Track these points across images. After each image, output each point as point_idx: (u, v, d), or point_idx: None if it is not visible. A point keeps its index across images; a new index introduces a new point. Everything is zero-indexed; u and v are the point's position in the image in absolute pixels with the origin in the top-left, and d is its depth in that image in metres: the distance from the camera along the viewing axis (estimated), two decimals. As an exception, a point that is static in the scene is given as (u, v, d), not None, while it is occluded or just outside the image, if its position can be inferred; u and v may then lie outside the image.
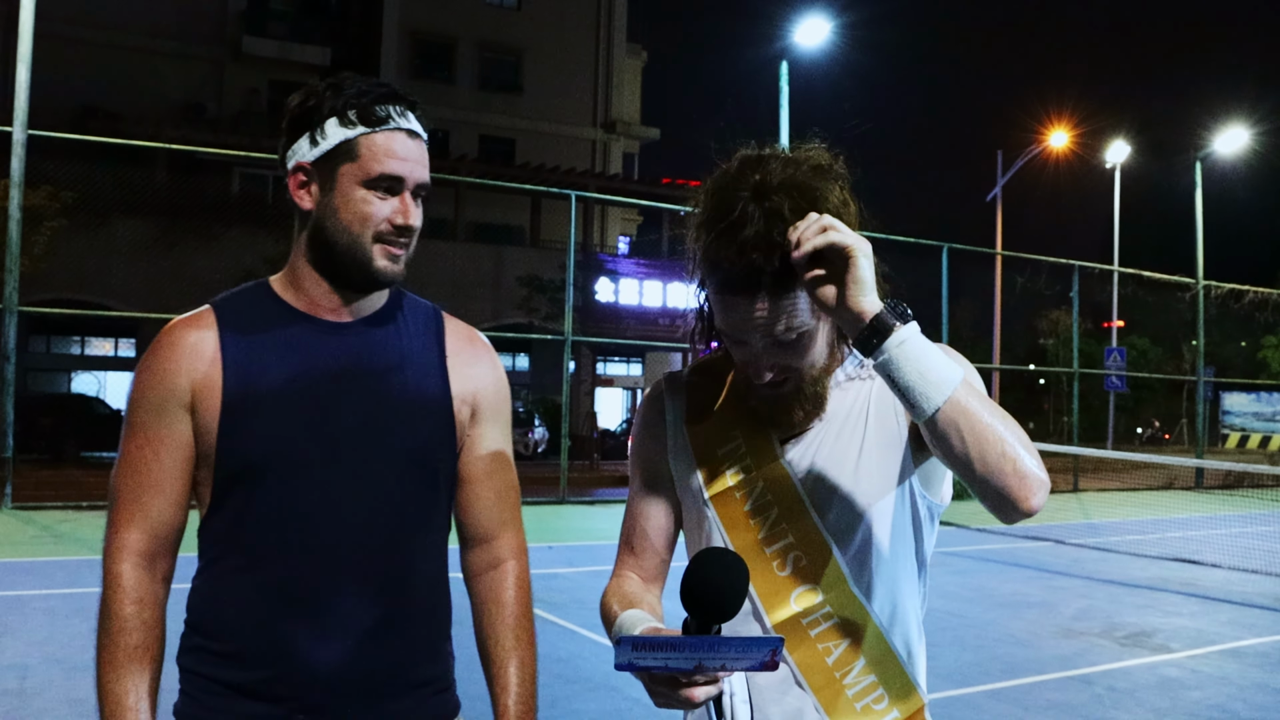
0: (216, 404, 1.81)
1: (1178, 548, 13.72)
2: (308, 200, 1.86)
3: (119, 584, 1.80)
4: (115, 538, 1.83)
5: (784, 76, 21.44)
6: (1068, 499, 22.11)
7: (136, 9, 33.10)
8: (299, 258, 1.91)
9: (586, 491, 20.62)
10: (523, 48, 40.51)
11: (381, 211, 1.84)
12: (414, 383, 1.92)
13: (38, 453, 23.61)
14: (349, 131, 1.82)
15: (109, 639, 1.79)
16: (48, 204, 20.03)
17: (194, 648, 1.85)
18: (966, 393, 1.54)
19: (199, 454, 1.84)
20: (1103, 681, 7.02)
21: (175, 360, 1.84)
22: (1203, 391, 29.05)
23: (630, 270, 32.51)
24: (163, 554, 1.85)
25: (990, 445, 1.52)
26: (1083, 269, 26.47)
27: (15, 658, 6.83)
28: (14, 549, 11.50)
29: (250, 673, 1.79)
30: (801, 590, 1.74)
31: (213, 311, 1.89)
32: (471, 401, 1.99)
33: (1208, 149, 29.24)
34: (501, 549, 2.04)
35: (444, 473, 1.96)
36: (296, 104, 1.88)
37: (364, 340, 1.90)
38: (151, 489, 1.83)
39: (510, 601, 2.02)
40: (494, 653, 1.99)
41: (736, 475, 1.80)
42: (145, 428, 1.83)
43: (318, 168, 1.85)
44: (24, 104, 14.55)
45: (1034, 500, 1.52)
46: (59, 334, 30.95)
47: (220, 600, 1.83)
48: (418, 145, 1.87)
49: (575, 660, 7.05)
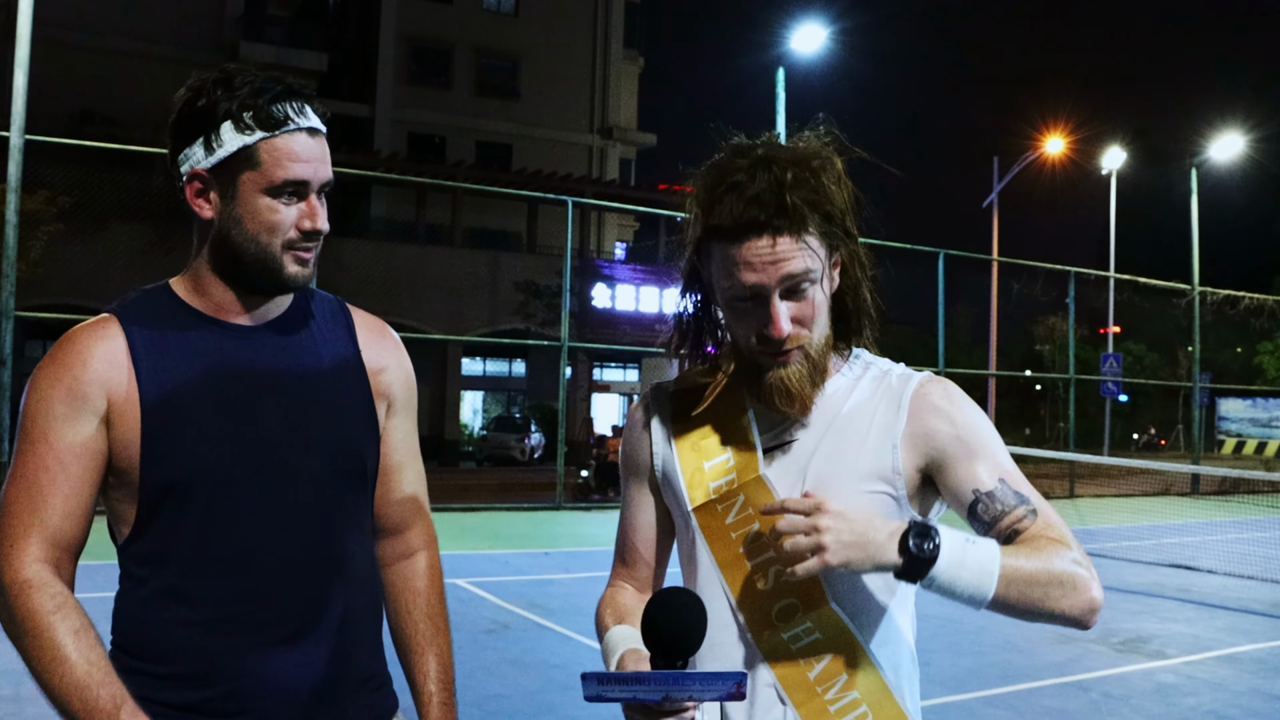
0: (136, 417, 1.73)
1: (1173, 553, 13.72)
2: (208, 210, 1.78)
3: (31, 586, 1.66)
4: (11, 552, 1.68)
5: (780, 83, 21.44)
6: (1064, 505, 22.10)
7: (134, 14, 33.11)
8: (201, 265, 1.83)
9: (583, 497, 20.60)
10: (520, 54, 40.53)
11: (289, 218, 1.77)
12: (334, 382, 1.88)
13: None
14: (247, 138, 1.74)
15: (45, 638, 1.63)
16: (44, 208, 20.03)
17: (129, 670, 1.72)
18: (1009, 576, 1.58)
19: (116, 469, 1.75)
20: (1098, 688, 7.03)
21: (88, 368, 1.74)
22: (1199, 397, 29.06)
23: (627, 276, 32.52)
24: (64, 564, 1.74)
25: (1044, 605, 1.60)
26: (1079, 275, 26.50)
27: (9, 664, 6.79)
28: (10, 554, 11.46)
29: (198, 692, 1.73)
30: (783, 604, 1.72)
31: (116, 319, 1.80)
32: (387, 395, 1.97)
33: (1203, 155, 29.29)
34: (414, 539, 2.04)
35: (370, 468, 1.93)
36: (185, 103, 1.79)
37: (278, 343, 1.85)
38: (55, 500, 1.70)
39: (424, 590, 2.01)
40: (412, 641, 1.98)
41: (720, 488, 1.79)
42: (47, 436, 1.71)
43: (215, 175, 1.77)
44: (21, 109, 14.55)
45: (1093, 616, 1.62)
46: (55, 339, 30.69)
47: (155, 622, 1.76)
48: (318, 143, 1.80)
49: (571, 666, 7.05)
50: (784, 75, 21.54)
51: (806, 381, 1.72)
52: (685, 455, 1.85)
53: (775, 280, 1.66)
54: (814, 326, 1.72)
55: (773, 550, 1.66)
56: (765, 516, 1.70)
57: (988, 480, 1.69)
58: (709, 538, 1.79)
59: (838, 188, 1.70)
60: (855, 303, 1.81)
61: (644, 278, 32.35)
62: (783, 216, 1.64)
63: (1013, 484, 1.69)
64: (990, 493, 1.68)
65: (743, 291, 1.68)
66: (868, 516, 1.57)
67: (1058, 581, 1.58)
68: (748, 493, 1.77)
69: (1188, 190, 27.57)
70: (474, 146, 39.20)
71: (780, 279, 1.66)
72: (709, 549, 1.78)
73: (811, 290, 1.69)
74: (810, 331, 1.71)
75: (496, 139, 40.01)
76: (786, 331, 1.68)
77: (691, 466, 1.83)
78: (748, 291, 1.68)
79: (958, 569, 1.55)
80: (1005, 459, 1.72)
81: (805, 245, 1.67)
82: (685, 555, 1.86)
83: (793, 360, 1.71)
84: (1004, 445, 1.76)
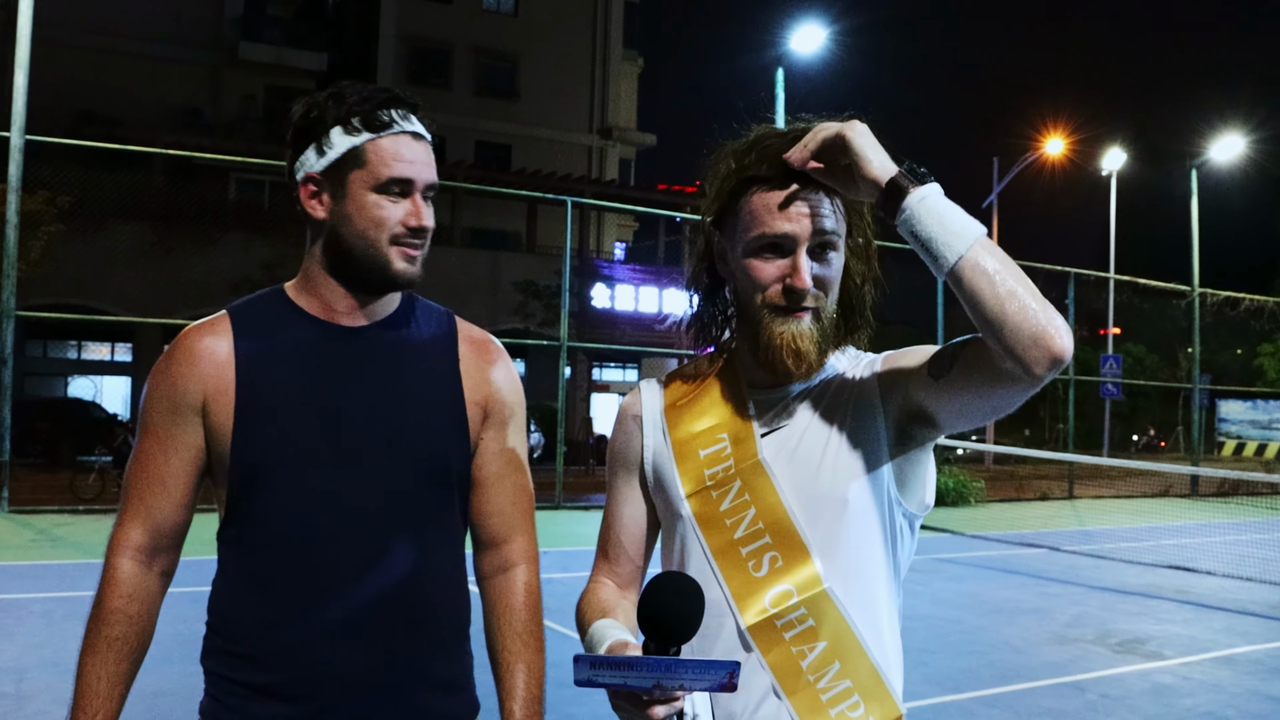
0: (230, 408, 1.84)
1: (1172, 555, 13.74)
2: (320, 210, 1.89)
3: (114, 577, 1.86)
4: (118, 532, 1.88)
5: (780, 83, 21.46)
6: (1062, 506, 22.12)
7: (133, 14, 33.10)
8: (313, 264, 1.93)
9: (582, 497, 20.60)
10: (519, 54, 40.53)
11: (395, 215, 1.86)
12: (426, 384, 1.94)
13: (34, 457, 23.60)
14: (354, 139, 1.85)
15: (94, 625, 1.84)
16: (45, 208, 20.02)
17: (215, 649, 1.89)
18: (987, 244, 1.56)
19: (213, 457, 1.87)
20: (1096, 688, 7.04)
21: (189, 365, 1.86)
22: (1198, 399, 29.08)
23: (626, 276, 32.52)
24: (163, 551, 1.89)
25: (1017, 285, 1.53)
26: (1078, 276, 26.49)
27: (12, 661, 6.84)
28: (11, 553, 11.50)
29: (270, 674, 1.82)
30: (776, 591, 1.73)
31: (228, 317, 1.92)
32: (484, 404, 2.01)
33: (1203, 156, 29.30)
34: (513, 553, 2.06)
35: (456, 472, 1.97)
36: (299, 115, 1.90)
37: (377, 342, 1.93)
38: (157, 488, 1.87)
39: (519, 607, 2.03)
40: (501, 657, 2.00)
41: (715, 475, 1.81)
42: (157, 429, 1.87)
43: (327, 177, 1.87)
44: (21, 109, 14.57)
45: (1064, 337, 1.51)
46: (56, 338, 30.90)
47: (238, 603, 1.86)
48: (423, 147, 1.91)
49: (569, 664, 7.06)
50: (783, 75, 21.57)
51: (815, 344, 1.74)
52: (679, 443, 1.86)
53: (808, 233, 1.70)
54: (829, 293, 1.75)
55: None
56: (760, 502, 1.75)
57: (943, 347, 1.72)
58: (702, 525, 1.80)
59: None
60: (857, 300, 1.84)
61: (643, 278, 32.35)
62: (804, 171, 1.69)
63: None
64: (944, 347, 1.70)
65: (774, 238, 1.71)
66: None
67: (1032, 292, 1.53)
68: (745, 478, 1.79)
69: (1188, 191, 27.62)
70: (473, 146, 39.20)
71: (813, 233, 1.70)
72: (702, 536, 1.79)
73: (834, 256, 1.74)
74: (825, 297, 1.75)
75: (496, 139, 40.02)
76: (810, 285, 1.71)
77: (685, 454, 1.84)
78: (778, 239, 1.71)
79: (941, 209, 1.57)
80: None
81: (837, 208, 1.73)
82: (673, 548, 1.86)
83: (805, 319, 1.73)
84: None
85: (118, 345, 31.62)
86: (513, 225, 35.71)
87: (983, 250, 1.55)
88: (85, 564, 10.75)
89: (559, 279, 20.49)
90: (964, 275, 1.54)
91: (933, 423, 1.74)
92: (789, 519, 1.75)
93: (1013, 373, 1.54)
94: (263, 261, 23.13)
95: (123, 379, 31.44)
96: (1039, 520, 18.65)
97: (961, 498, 20.53)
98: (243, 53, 35.56)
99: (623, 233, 42.86)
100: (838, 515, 1.74)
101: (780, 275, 1.72)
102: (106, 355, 32.15)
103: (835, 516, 1.74)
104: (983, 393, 1.63)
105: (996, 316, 1.52)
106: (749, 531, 1.77)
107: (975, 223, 1.58)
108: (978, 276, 1.54)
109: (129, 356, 31.15)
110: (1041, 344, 1.50)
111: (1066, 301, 26.03)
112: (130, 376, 31.01)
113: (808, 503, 1.75)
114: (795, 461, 1.77)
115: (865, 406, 1.78)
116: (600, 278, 31.90)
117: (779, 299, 1.73)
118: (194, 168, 26.36)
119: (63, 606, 8.61)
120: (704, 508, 1.80)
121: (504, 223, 35.61)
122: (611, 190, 35.58)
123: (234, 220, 27.50)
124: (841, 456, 1.76)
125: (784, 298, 1.72)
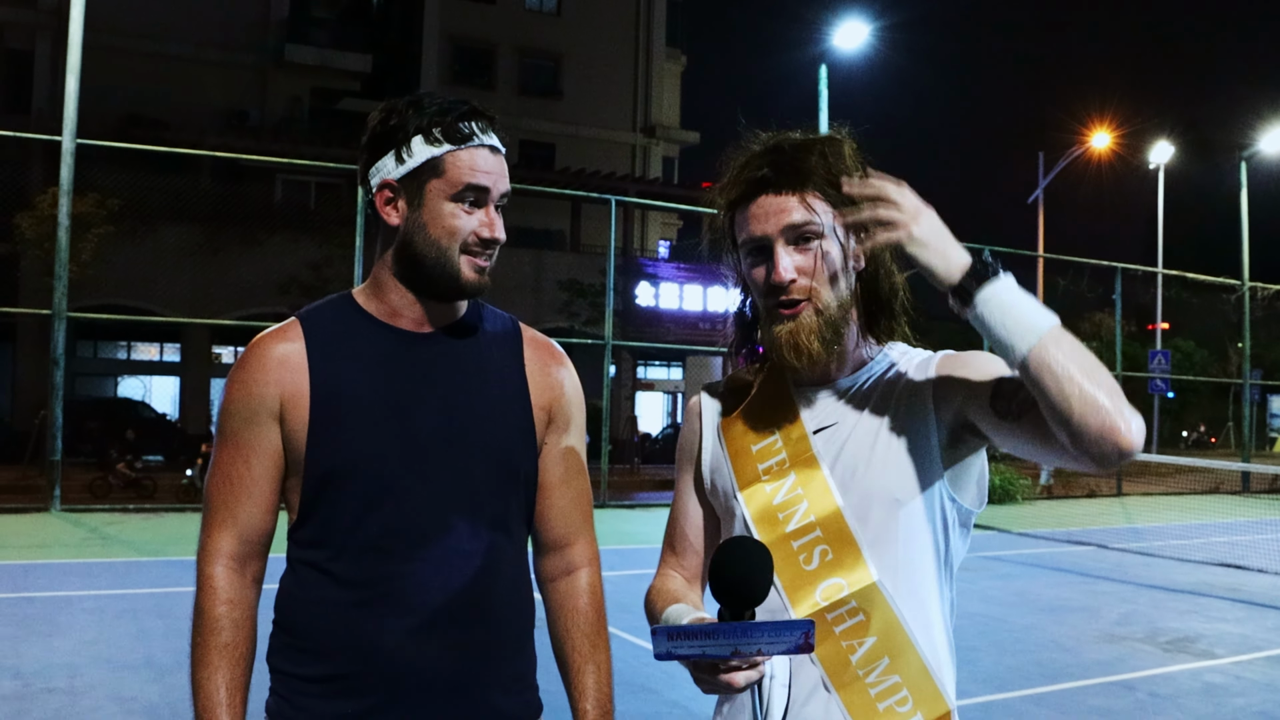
0: (305, 413, 1.88)
1: (1223, 552, 13.57)
2: (395, 216, 1.92)
3: (211, 586, 1.87)
4: (208, 541, 1.90)
5: (823, 79, 21.39)
6: (1111, 503, 21.92)
7: (180, 18, 33.42)
8: (383, 270, 1.96)
9: (627, 495, 20.65)
10: (562, 53, 40.60)
11: (469, 225, 1.90)
12: (494, 387, 1.98)
13: (85, 456, 23.93)
14: (435, 149, 1.88)
15: (201, 638, 1.85)
16: (94, 211, 20.30)
17: (282, 646, 1.92)
18: (1057, 337, 1.56)
19: (289, 461, 1.91)
20: (1145, 687, 6.98)
21: (264, 372, 1.90)
22: (1249, 394, 28.73)
23: (670, 274, 32.49)
24: (253, 557, 1.92)
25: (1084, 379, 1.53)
26: (1126, 271, 26.25)
27: (65, 657, 6.94)
28: (63, 550, 11.67)
29: (340, 667, 1.85)
30: (827, 585, 1.75)
31: (299, 324, 1.96)
32: (548, 408, 2.04)
33: (1253, 148, 28.91)
34: (576, 555, 2.09)
35: (524, 472, 2.00)
36: (378, 122, 1.93)
37: (445, 348, 1.96)
38: (242, 495, 1.90)
39: (585, 608, 2.06)
40: (571, 658, 2.03)
41: (769, 469, 1.84)
42: (236, 437, 1.90)
43: (404, 184, 1.90)
44: (73, 113, 14.76)
45: (1133, 433, 1.51)
46: (105, 339, 31.25)
47: (307, 598, 1.89)
48: (499, 160, 1.94)
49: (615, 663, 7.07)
50: (826, 72, 21.49)
51: (815, 336, 1.77)
52: (733, 441, 1.90)
53: (778, 230, 1.76)
54: (821, 281, 1.77)
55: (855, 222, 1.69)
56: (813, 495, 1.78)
57: (1007, 372, 1.71)
58: (756, 518, 1.83)
59: (849, 163, 1.78)
60: (887, 291, 1.84)
61: (688, 276, 32.31)
62: (782, 174, 1.76)
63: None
64: (1013, 377, 1.69)
65: (751, 245, 1.79)
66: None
67: (1101, 383, 1.54)
68: (799, 471, 1.81)
69: (1237, 184, 27.26)
70: (517, 146, 39.30)
71: (783, 229, 1.76)
72: (755, 529, 1.82)
73: (816, 244, 1.77)
74: (817, 285, 1.77)
75: (539, 138, 40.09)
76: (788, 276, 1.76)
77: (739, 450, 1.88)
78: (755, 244, 1.79)
79: (1016, 295, 1.60)
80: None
81: (808, 203, 1.76)
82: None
83: (802, 314, 1.77)
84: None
85: (166, 345, 31.95)
86: (557, 224, 35.78)
87: (1051, 344, 1.56)
88: (136, 562, 10.90)
89: (603, 278, 20.52)
90: (1030, 369, 1.57)
91: (987, 440, 1.76)
92: (840, 514, 1.77)
93: (1078, 459, 1.57)
94: (309, 262, 23.32)
95: (171, 379, 31.76)
96: (1087, 518, 18.49)
97: (1009, 495, 20.41)
98: (288, 55, 35.81)
99: (666, 231, 42.84)
100: (888, 511, 1.76)
101: (766, 275, 1.79)
102: (155, 355, 32.50)
103: (886, 512, 1.76)
104: (1045, 456, 1.66)
105: (1063, 411, 1.54)
106: (801, 525, 1.79)
107: (1045, 315, 1.59)
108: (1043, 372, 1.55)
109: (177, 356, 31.46)
110: (1109, 439, 1.52)
111: (1114, 296, 25.80)
112: (178, 376, 31.30)
113: (858, 498, 1.77)
114: (845, 457, 1.79)
115: (917, 408, 1.79)
116: (644, 276, 31.90)
117: (769, 298, 1.80)
118: (241, 169, 26.61)
119: (114, 604, 8.72)
120: (757, 501, 1.83)
121: (548, 222, 35.68)
122: (655, 188, 35.57)
123: (280, 221, 27.70)
124: (891, 453, 1.77)
125: (771, 295, 1.78)
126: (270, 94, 36.11)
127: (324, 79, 36.18)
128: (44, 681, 6.38)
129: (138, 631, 7.76)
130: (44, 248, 18.69)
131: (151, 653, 7.08)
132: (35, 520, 13.90)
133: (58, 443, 14.60)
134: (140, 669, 6.72)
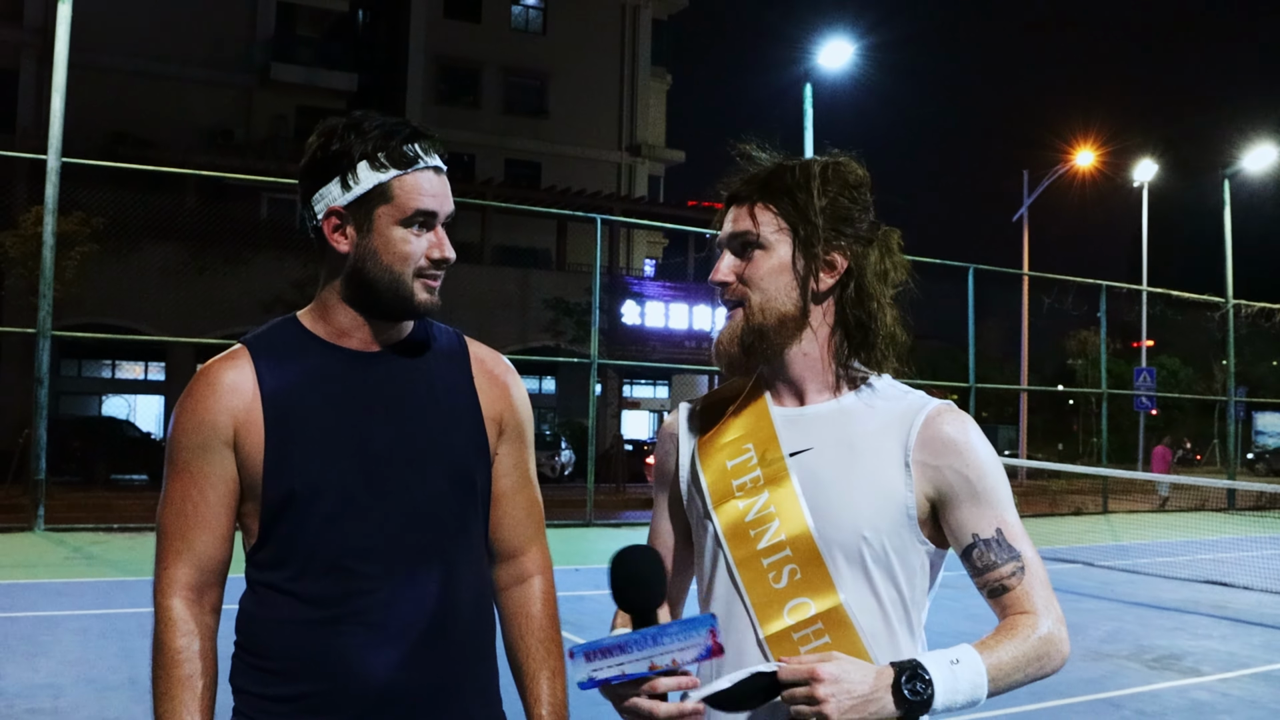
0: (260, 438, 1.87)
1: (1208, 570, 13.60)
2: (344, 243, 1.91)
3: (170, 618, 1.86)
4: (164, 574, 1.89)
5: (808, 99, 21.47)
6: (1097, 521, 21.97)
7: (166, 37, 33.43)
8: (331, 294, 1.96)
9: (613, 514, 20.62)
10: (548, 72, 40.70)
11: (420, 248, 1.91)
12: (445, 402, 1.98)
13: (69, 475, 23.80)
14: (382, 175, 1.88)
15: (163, 671, 1.84)
16: (79, 229, 20.23)
17: (247, 667, 1.90)
18: (994, 676, 1.70)
19: (244, 487, 1.89)
20: (1131, 705, 6.98)
21: (215, 399, 1.88)
22: (1234, 411, 28.84)
23: (656, 293, 32.53)
24: (210, 586, 1.90)
25: (1027, 680, 1.75)
26: (1110, 289, 26.37)
27: (48, 677, 6.90)
28: (46, 570, 11.61)
29: (306, 686, 1.84)
30: (794, 604, 1.77)
31: (246, 349, 1.94)
32: (498, 420, 2.06)
33: (1236, 166, 29.10)
34: (528, 564, 2.11)
35: (480, 483, 2.01)
36: (318, 147, 1.92)
37: (395, 366, 1.97)
38: (197, 526, 1.88)
39: (539, 614, 2.09)
40: (525, 665, 2.05)
41: (744, 485, 1.85)
42: (189, 467, 1.88)
43: (351, 211, 1.90)
44: (58, 132, 14.73)
45: (1065, 652, 1.81)
46: (90, 358, 31.18)
47: (271, 619, 1.88)
48: (442, 180, 1.95)
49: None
50: (811, 91, 21.57)
51: (736, 340, 1.84)
52: (709, 456, 1.91)
53: (725, 237, 1.89)
54: (756, 287, 1.83)
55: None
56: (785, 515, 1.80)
57: (986, 529, 1.78)
58: (728, 536, 1.84)
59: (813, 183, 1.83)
60: (864, 316, 1.83)
61: (673, 294, 32.35)
62: (746, 186, 1.87)
63: (1009, 537, 1.78)
64: (987, 541, 1.78)
65: (716, 251, 1.92)
66: (861, 672, 1.62)
67: (1035, 659, 1.74)
68: (771, 489, 1.82)
69: (1221, 202, 27.42)
70: (503, 164, 39.36)
71: (727, 236, 1.88)
72: (727, 547, 1.83)
73: (756, 253, 1.84)
74: (751, 291, 1.83)
75: (525, 157, 40.17)
76: (718, 277, 1.87)
77: (715, 466, 1.89)
78: (717, 248, 1.92)
79: (953, 694, 1.66)
80: (1007, 508, 1.80)
81: (753, 215, 1.85)
82: (703, 560, 1.90)
83: (735, 317, 1.85)
84: (1009, 490, 1.82)
85: (151, 364, 31.88)
86: (542, 243, 35.82)
87: (995, 684, 1.71)
88: (119, 582, 10.83)
89: (589, 296, 20.54)
90: (993, 695, 1.72)
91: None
92: (810, 535, 1.78)
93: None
94: (294, 280, 23.27)
95: (156, 398, 31.68)
96: (1073, 535, 18.52)
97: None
98: (274, 74, 35.86)
99: (652, 249, 42.92)
100: (857, 541, 1.77)
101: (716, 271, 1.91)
102: (140, 374, 32.42)
103: (854, 541, 1.77)
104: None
105: (1029, 684, 1.77)
106: (772, 543, 1.80)
107: (977, 671, 1.69)
108: (1002, 691, 1.74)
109: (162, 375, 31.39)
110: (1057, 671, 1.82)
111: (1099, 314, 25.91)
112: (163, 395, 31.22)
113: (828, 525, 1.78)
114: (818, 483, 1.80)
115: (890, 464, 1.79)
116: (630, 295, 31.92)
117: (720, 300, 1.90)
118: (226, 188, 26.60)
119: (97, 624, 8.67)
120: (730, 518, 1.85)
121: (534, 240, 35.72)
122: (641, 207, 35.65)
123: (265, 240, 27.66)
124: (861, 492, 1.78)
125: (719, 297, 1.89)
126: (256, 113, 36.13)
127: (309, 98, 36.20)
128: (27, 702, 6.34)
129: (122, 651, 7.72)
130: (28, 266, 18.63)
131: (136, 672, 7.04)
132: (19, 540, 13.83)
133: (42, 462, 14.54)
134: (124, 689, 6.68)
